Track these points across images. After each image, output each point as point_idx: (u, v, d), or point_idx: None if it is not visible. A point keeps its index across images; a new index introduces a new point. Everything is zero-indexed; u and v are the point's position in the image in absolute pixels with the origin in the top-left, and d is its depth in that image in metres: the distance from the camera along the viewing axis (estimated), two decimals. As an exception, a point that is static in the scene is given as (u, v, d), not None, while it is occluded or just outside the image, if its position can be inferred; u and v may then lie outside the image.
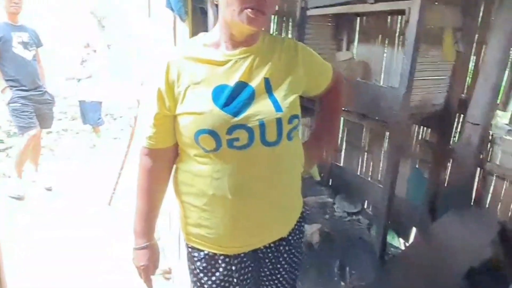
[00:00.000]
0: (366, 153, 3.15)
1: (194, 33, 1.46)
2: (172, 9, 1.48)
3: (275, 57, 0.94)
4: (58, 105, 4.87)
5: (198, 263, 1.02)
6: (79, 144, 4.87)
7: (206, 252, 1.01)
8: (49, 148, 4.54)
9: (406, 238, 2.88)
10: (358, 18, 2.92)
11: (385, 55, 2.75)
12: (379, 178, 3.06)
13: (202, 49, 0.92)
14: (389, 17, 2.65)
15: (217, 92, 0.87)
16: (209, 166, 0.91)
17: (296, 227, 1.10)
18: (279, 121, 0.89)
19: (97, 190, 3.31)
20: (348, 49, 3.03)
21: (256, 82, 0.89)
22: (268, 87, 0.90)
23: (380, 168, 3.04)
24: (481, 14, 2.14)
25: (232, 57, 0.90)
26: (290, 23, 3.14)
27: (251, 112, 0.87)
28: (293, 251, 1.12)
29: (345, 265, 2.48)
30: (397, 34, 2.63)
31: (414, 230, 2.80)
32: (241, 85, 0.88)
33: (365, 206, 3.20)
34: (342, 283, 2.35)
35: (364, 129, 3.11)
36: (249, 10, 0.82)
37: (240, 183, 0.91)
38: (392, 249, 2.69)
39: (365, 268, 2.47)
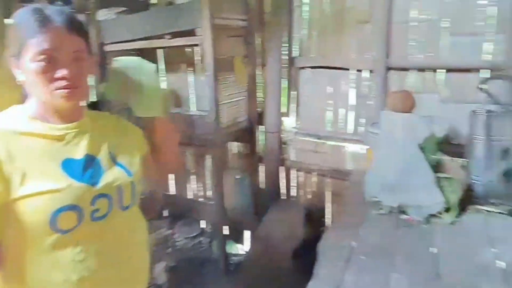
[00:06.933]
0: (192, 176, 3.29)
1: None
2: None
3: (108, 130, 0.95)
4: None
5: None
6: None
7: None
8: None
9: (242, 243, 3.15)
10: (162, 50, 3.05)
11: (190, 82, 2.97)
12: (208, 196, 3.25)
13: (29, 122, 0.82)
14: (187, 48, 2.89)
15: (66, 166, 0.82)
16: (67, 249, 0.80)
17: None
18: (132, 184, 0.92)
19: None
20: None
21: (101, 154, 0.90)
22: (113, 157, 0.92)
23: (208, 187, 3.23)
24: (257, 42, 2.64)
25: (68, 130, 0.86)
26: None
27: (107, 180, 0.86)
28: None
29: (197, 292, 2.50)
30: (196, 63, 2.89)
31: (247, 233, 3.10)
32: (90, 157, 0.87)
33: (204, 226, 3.32)
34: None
35: (186, 154, 3.24)
36: (59, 90, 0.78)
37: (107, 255, 0.86)
38: (234, 258, 2.88)
39: (216, 285, 2.55)
